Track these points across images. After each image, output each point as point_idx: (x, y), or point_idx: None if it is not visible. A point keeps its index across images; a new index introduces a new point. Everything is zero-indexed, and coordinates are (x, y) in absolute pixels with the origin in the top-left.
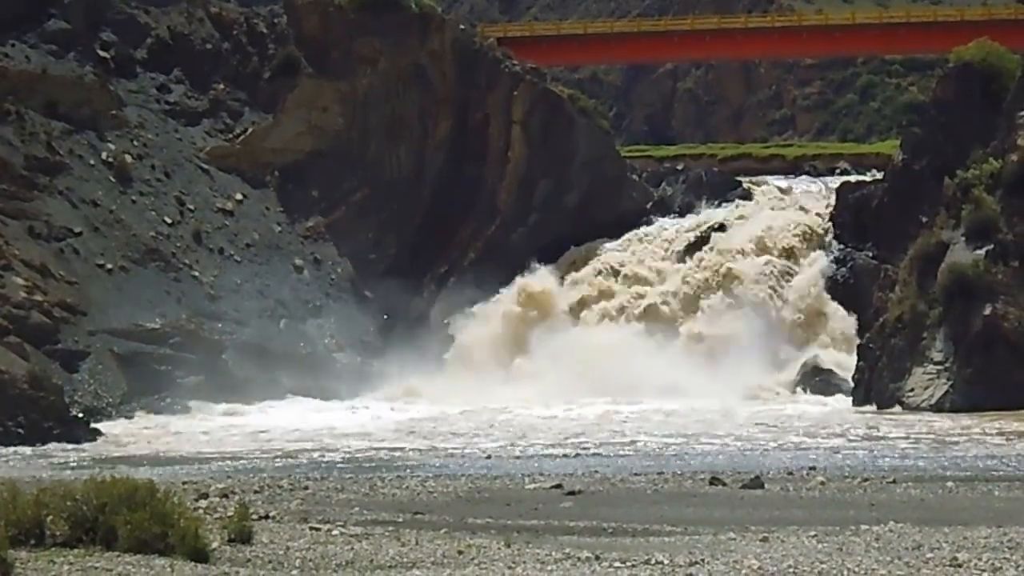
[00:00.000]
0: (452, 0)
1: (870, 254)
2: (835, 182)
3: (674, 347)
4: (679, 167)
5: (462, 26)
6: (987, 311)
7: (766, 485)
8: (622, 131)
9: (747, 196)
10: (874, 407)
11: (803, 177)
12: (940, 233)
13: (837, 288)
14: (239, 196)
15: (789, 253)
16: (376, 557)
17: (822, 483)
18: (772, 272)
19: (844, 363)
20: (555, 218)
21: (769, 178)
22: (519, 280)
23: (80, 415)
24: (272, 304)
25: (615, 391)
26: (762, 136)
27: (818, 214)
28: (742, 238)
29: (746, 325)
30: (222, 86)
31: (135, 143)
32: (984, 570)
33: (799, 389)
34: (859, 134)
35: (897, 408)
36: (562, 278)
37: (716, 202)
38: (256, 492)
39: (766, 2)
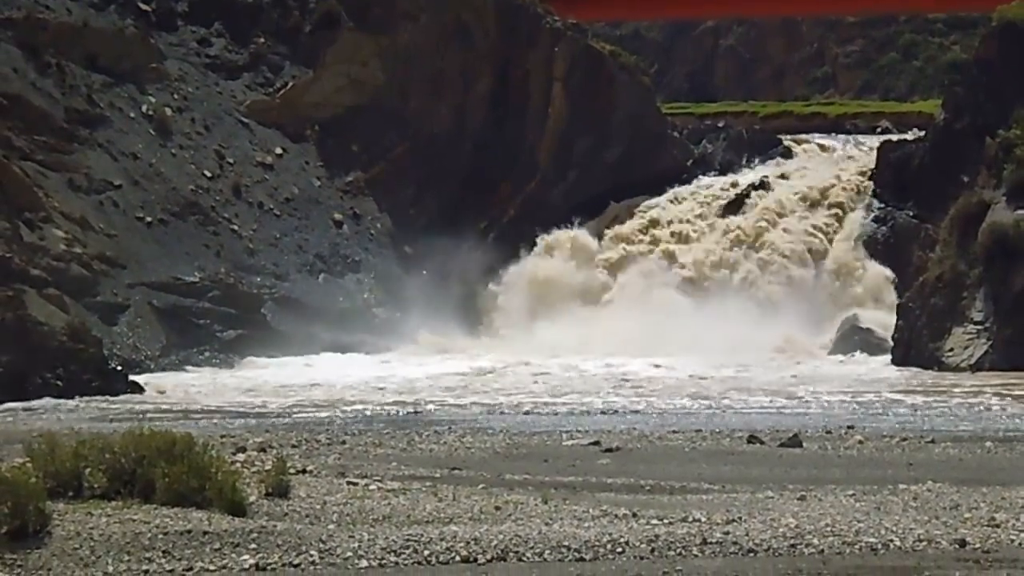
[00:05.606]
0: None
1: (910, 213)
2: (876, 141)
3: (713, 305)
4: (720, 124)
5: None
6: None
7: (804, 444)
8: (663, 88)
9: (788, 154)
10: (913, 367)
11: (844, 136)
12: (981, 192)
13: (877, 247)
14: (279, 150)
15: (829, 211)
16: (413, 512)
17: (860, 442)
18: (812, 230)
19: (883, 322)
20: (595, 175)
21: (810, 136)
22: (558, 235)
23: (119, 368)
24: (311, 259)
25: (653, 349)
26: (803, 94)
27: (859, 173)
28: (782, 196)
29: (785, 284)
30: (262, 40)
31: (175, 96)
32: (1022, 530)
33: (838, 348)
34: (901, 93)
35: (936, 368)
36: (601, 234)
37: (757, 160)
38: (293, 446)
39: None
